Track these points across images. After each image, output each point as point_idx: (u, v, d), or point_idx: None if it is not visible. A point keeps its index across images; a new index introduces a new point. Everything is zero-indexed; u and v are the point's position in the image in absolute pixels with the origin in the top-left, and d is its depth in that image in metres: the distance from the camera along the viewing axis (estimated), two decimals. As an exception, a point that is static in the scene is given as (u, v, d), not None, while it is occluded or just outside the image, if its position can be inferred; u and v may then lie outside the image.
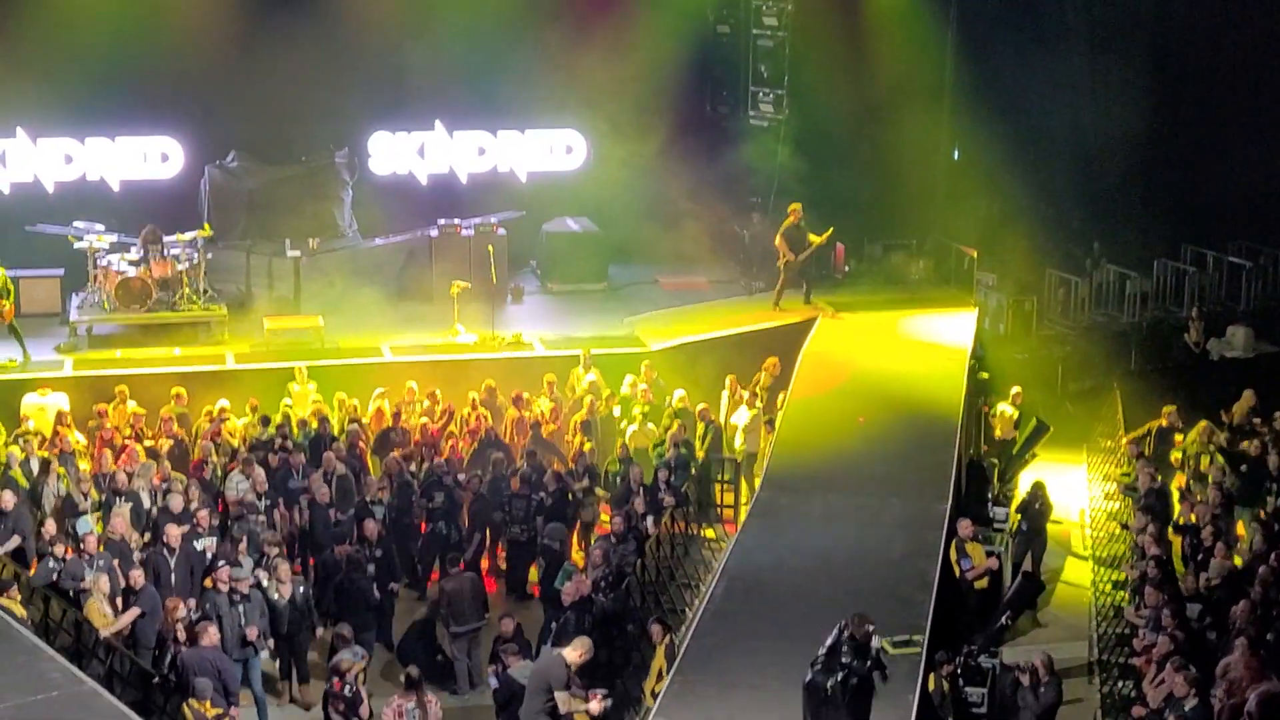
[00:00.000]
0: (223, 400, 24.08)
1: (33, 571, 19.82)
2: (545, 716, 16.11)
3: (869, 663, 14.84)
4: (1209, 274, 31.84)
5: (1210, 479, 22.66)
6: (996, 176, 28.79)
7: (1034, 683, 17.21)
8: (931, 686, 17.20)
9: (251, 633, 18.41)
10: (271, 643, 18.95)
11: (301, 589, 19.26)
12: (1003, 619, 19.59)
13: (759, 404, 24.58)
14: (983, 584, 19.95)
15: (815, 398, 24.26)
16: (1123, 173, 32.40)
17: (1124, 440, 24.96)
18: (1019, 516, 21.98)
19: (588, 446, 23.49)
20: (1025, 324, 29.82)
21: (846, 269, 30.26)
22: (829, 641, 14.88)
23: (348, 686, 16.94)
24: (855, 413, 23.67)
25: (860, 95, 29.67)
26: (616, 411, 24.72)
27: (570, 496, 22.29)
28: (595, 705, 16.22)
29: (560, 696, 16.13)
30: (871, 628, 14.92)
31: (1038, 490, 22.30)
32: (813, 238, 27.55)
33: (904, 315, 28.12)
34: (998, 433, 25.23)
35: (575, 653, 16.28)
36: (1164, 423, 24.77)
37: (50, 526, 20.19)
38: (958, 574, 19.81)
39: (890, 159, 29.82)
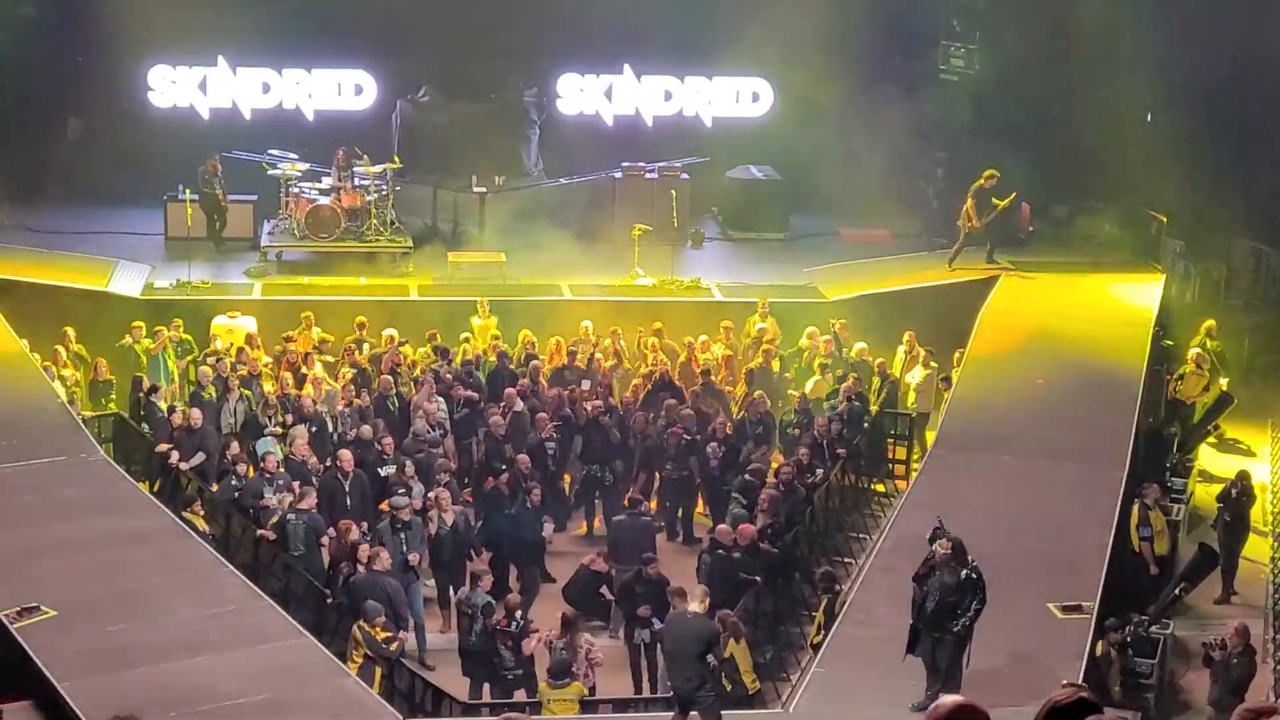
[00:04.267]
0: (389, 329, 24.40)
1: (215, 488, 20.37)
2: (704, 675, 15.60)
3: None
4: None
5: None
6: (1190, 141, 28.17)
7: (1226, 654, 16.80)
8: (1099, 653, 17.03)
9: (413, 558, 18.75)
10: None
11: (465, 519, 19.57)
12: (1176, 591, 19.31)
13: (934, 363, 24.40)
14: (1163, 551, 19.68)
15: (994, 356, 24.03)
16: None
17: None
18: (1220, 506, 21.32)
19: (758, 394, 23.50)
20: (1213, 293, 29.20)
21: (1031, 229, 29.84)
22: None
23: (515, 622, 17.19)
24: (1033, 374, 23.42)
25: (1053, 53, 29.15)
26: (776, 365, 24.65)
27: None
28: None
29: (718, 652, 16.05)
30: (941, 542, 14.96)
31: (1241, 480, 21.39)
32: (997, 201, 27.20)
33: (1088, 278, 27.68)
34: (1181, 391, 24.53)
35: (701, 604, 16.19)
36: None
37: (234, 445, 20.72)
38: (1135, 542, 19.57)
39: (1081, 119, 29.29)
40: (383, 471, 20.59)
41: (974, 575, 14.90)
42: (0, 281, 25.16)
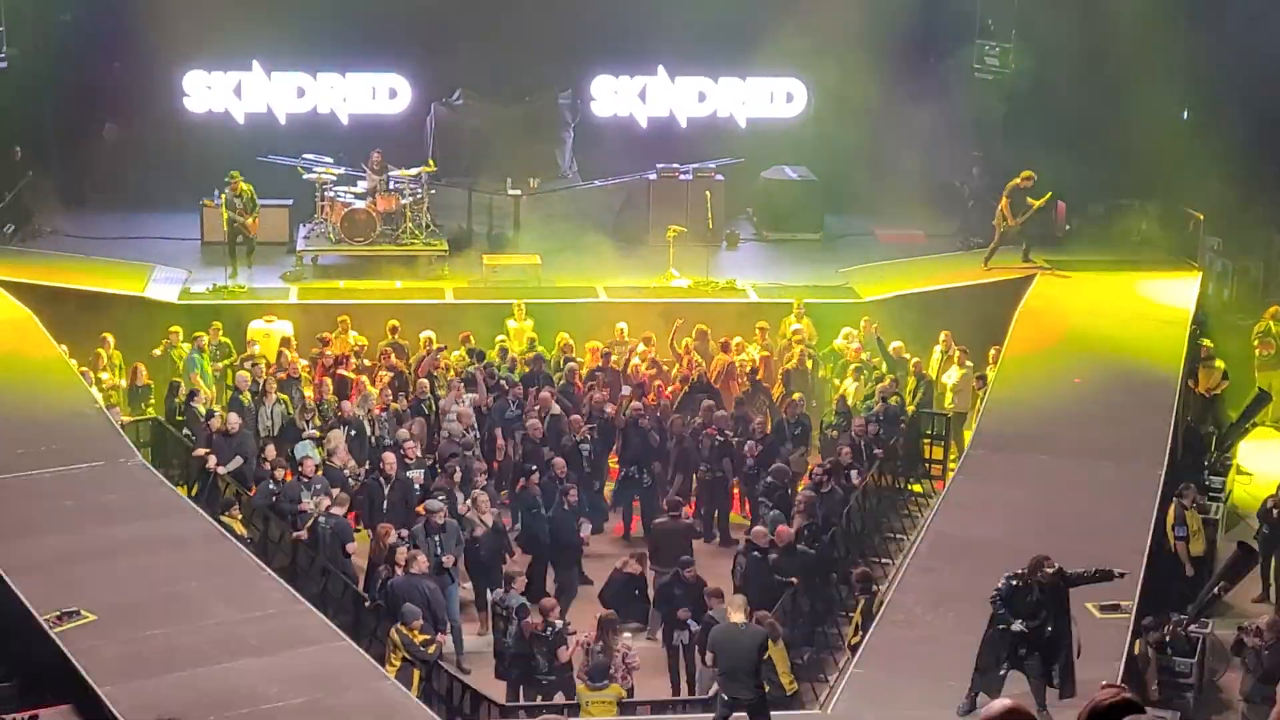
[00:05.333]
0: (427, 331, 24.45)
1: (253, 493, 20.45)
2: (754, 684, 15.58)
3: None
4: None
5: None
6: (1227, 138, 28.02)
7: (1261, 645, 16.71)
8: (1137, 652, 16.96)
9: (448, 560, 18.79)
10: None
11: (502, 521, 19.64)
12: (1214, 590, 19.20)
13: (970, 363, 24.33)
14: (1198, 551, 19.59)
15: (1030, 356, 23.96)
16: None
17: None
18: (1260, 522, 20.96)
19: (796, 395, 23.47)
20: (1250, 291, 29.04)
21: (1067, 227, 29.72)
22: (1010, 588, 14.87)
23: (550, 627, 17.20)
24: (1070, 373, 23.33)
25: (1088, 51, 29.03)
26: (810, 363, 24.63)
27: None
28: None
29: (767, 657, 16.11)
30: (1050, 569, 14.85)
31: None
32: (1032, 201, 27.10)
33: (1124, 276, 27.56)
34: (1203, 386, 24.44)
35: (740, 614, 16.22)
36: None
37: (271, 450, 20.79)
38: (1171, 541, 19.49)
39: (1117, 118, 29.16)
40: (409, 475, 20.62)
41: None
42: (39, 287, 25.30)
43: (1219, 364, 24.60)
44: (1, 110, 28.04)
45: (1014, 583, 14.92)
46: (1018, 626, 14.78)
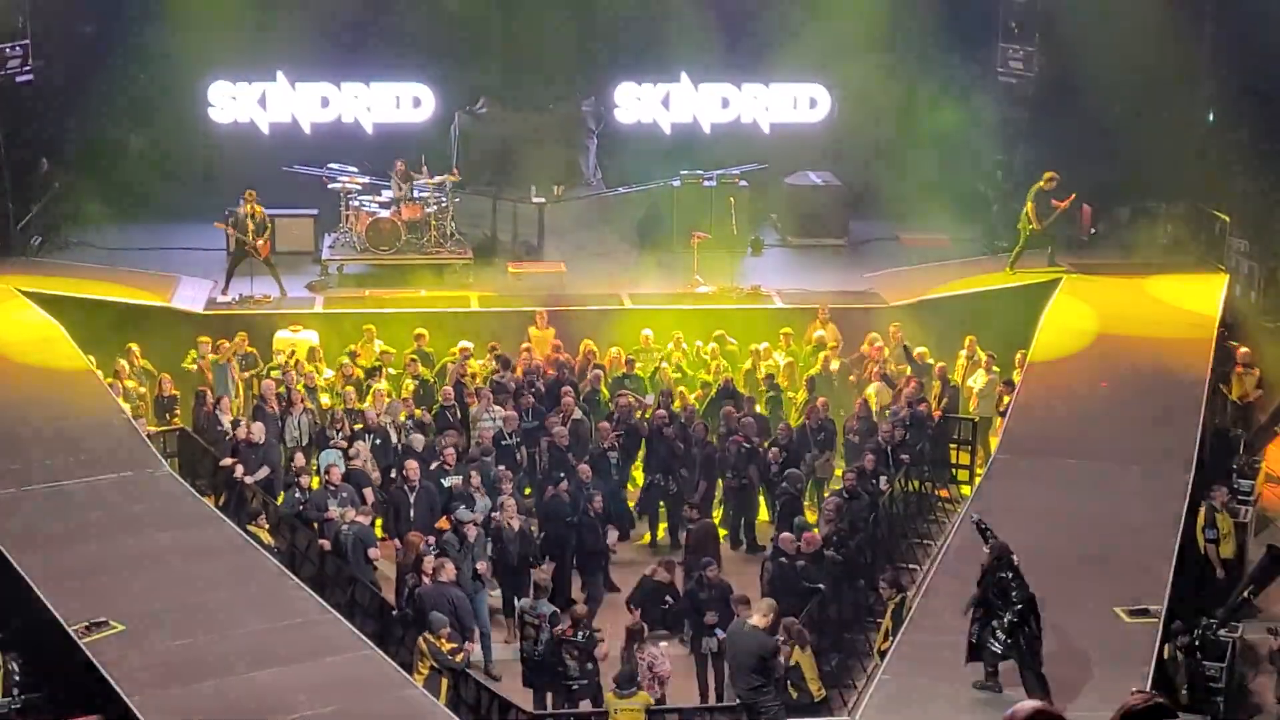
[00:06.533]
0: (464, 342, 24.50)
1: (279, 501, 20.49)
2: (766, 686, 16.03)
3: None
4: None
5: None
6: (1253, 140, 27.90)
7: None
8: (1167, 657, 16.89)
9: (481, 567, 18.80)
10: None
11: (530, 528, 19.64)
12: (1244, 593, 19.12)
13: (996, 368, 24.26)
14: (1228, 554, 19.51)
15: (1056, 360, 23.88)
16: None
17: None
18: None
19: (820, 400, 23.44)
20: (1278, 293, 28.89)
21: (1093, 231, 29.63)
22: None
23: (581, 632, 17.19)
24: (1097, 376, 23.26)
25: (1112, 55, 28.92)
26: (834, 367, 24.60)
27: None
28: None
29: (779, 659, 16.18)
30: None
31: None
32: (1056, 203, 27.03)
33: (1150, 279, 27.47)
34: (1235, 394, 24.36)
35: (764, 618, 16.25)
36: None
37: (299, 459, 20.83)
38: (1201, 545, 19.41)
39: (1142, 120, 29.06)
40: (446, 482, 20.65)
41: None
42: (66, 299, 25.39)
43: (1256, 372, 24.46)
44: (28, 123, 28.19)
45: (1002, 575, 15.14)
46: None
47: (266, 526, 19.15)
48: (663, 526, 22.37)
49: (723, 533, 21.42)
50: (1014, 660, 15.41)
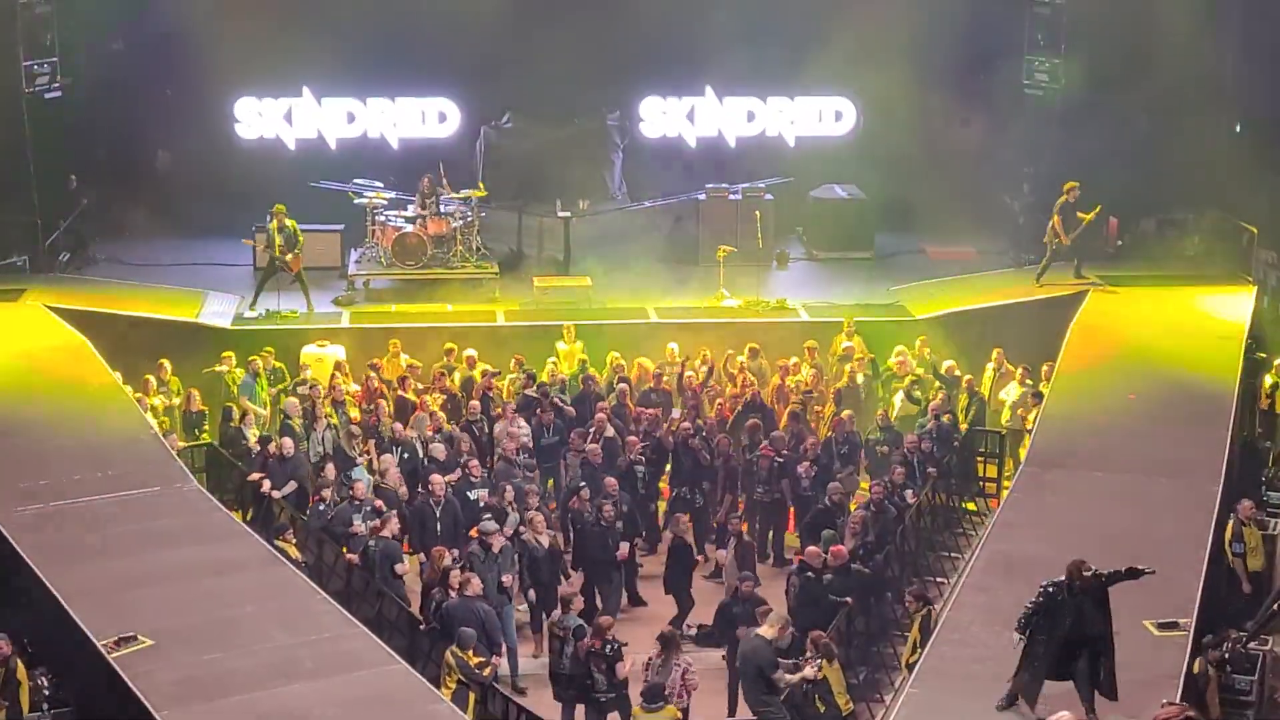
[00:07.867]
0: (487, 367, 24.49)
1: (306, 515, 20.52)
2: (768, 697, 16.20)
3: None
4: None
5: None
6: (1280, 150, 27.83)
7: None
8: (1196, 670, 16.81)
9: (507, 580, 18.79)
10: (531, 593, 19.36)
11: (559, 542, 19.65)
12: (1274, 606, 19.01)
13: (1029, 380, 24.19)
14: (1256, 567, 19.42)
15: (1084, 372, 23.80)
16: None
17: None
18: None
19: (846, 414, 23.39)
20: (1307, 304, 28.79)
21: (1119, 243, 29.56)
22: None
23: (608, 645, 17.16)
24: (1125, 389, 23.17)
25: (1138, 65, 28.86)
26: (860, 379, 24.55)
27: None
28: (810, 671, 16.34)
29: (777, 676, 16.22)
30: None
31: None
32: (1081, 215, 26.99)
33: (1178, 291, 27.37)
34: (1263, 405, 24.27)
35: (773, 630, 16.23)
36: None
37: (328, 472, 20.87)
38: (1229, 558, 19.32)
39: (1168, 132, 28.99)
40: (472, 495, 20.66)
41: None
42: (94, 314, 25.49)
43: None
44: (56, 139, 28.30)
45: (1052, 591, 14.87)
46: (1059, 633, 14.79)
47: (294, 541, 19.19)
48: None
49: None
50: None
